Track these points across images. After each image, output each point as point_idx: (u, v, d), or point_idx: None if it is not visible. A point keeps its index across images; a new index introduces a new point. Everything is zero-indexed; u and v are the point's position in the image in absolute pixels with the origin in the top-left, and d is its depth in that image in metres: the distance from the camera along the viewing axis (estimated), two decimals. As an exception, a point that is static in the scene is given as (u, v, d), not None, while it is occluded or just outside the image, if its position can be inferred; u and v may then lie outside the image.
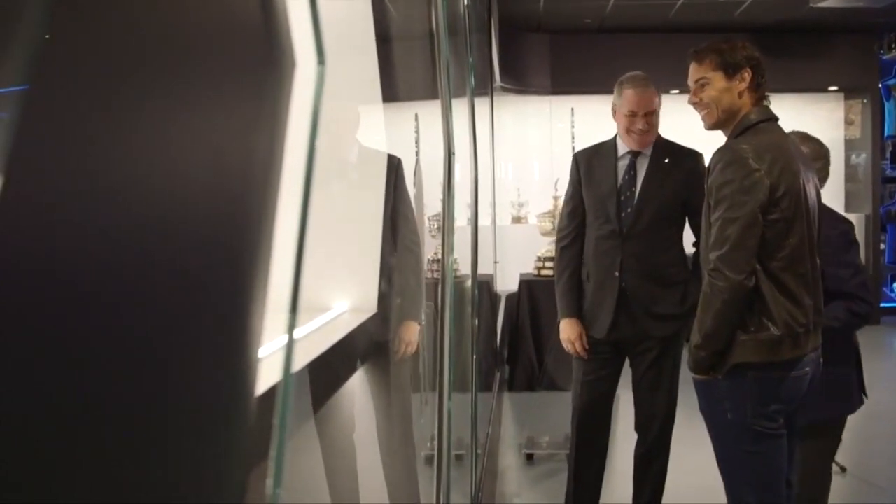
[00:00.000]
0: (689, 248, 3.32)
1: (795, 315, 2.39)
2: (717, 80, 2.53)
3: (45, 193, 0.40)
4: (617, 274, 3.29)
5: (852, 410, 2.99)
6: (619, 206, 3.31)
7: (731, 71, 2.52)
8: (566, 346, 3.41)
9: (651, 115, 3.29)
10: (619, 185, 3.33)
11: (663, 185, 3.29)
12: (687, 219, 3.34)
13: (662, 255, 3.30)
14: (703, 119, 2.59)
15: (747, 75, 2.51)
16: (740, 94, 2.52)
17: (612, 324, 3.31)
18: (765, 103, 2.55)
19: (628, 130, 3.31)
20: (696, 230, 3.16)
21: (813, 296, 2.46)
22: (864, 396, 3.01)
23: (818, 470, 2.95)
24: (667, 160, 3.32)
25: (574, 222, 3.46)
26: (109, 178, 0.46)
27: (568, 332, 3.40)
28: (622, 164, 3.36)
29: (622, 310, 3.30)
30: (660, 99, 3.35)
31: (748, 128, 2.49)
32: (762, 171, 2.36)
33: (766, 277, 2.38)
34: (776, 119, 2.54)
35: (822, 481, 3.00)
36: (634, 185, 3.32)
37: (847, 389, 2.94)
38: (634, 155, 3.35)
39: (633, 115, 3.28)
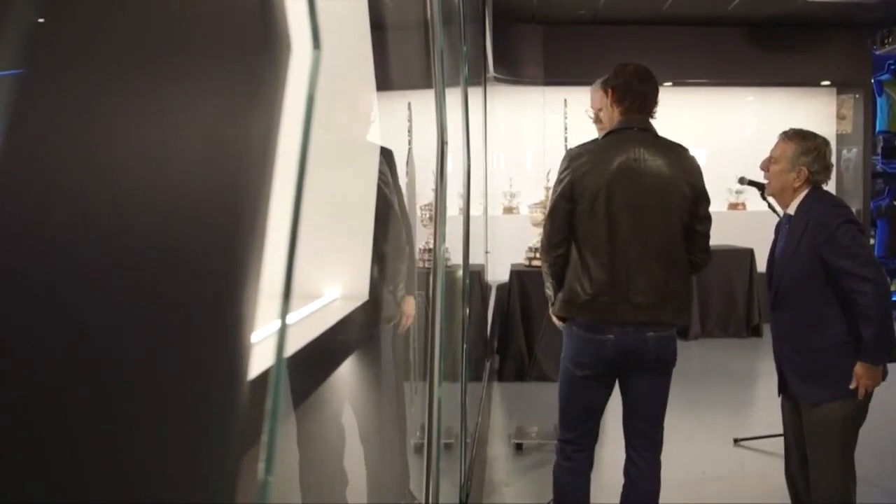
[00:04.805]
0: None
1: (583, 285, 2.96)
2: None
3: (39, 177, 0.40)
4: None
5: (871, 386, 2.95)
6: None
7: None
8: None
9: None
10: None
11: None
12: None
13: None
14: None
15: (610, 94, 3.07)
16: (611, 111, 3.08)
17: None
18: (630, 115, 3.03)
19: None
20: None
21: (616, 276, 2.92)
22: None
23: (838, 447, 2.94)
24: None
25: None
26: (102, 162, 0.46)
27: None
28: None
29: None
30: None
31: (606, 135, 3.06)
32: (569, 170, 2.99)
33: (575, 254, 3.00)
34: (632, 128, 3.01)
35: (844, 460, 2.95)
36: None
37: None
38: None
39: None
